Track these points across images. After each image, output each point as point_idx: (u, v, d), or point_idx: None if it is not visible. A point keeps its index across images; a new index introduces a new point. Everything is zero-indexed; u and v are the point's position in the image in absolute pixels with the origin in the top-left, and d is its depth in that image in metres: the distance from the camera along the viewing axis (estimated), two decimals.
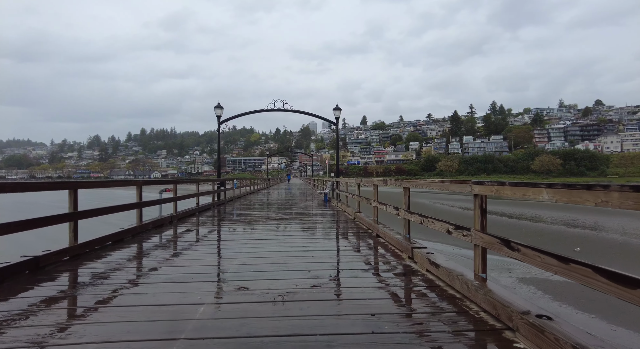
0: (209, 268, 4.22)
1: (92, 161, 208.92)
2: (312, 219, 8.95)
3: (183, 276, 3.79)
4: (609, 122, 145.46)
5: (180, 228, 7.37)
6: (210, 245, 5.75)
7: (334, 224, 7.98)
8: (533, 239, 12.16)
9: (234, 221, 8.52)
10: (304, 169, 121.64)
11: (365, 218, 7.29)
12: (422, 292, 3.24)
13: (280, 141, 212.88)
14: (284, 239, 6.19)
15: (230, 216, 9.72)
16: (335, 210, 10.83)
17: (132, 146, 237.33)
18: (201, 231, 7.24)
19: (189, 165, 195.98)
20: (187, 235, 6.63)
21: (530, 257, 2.33)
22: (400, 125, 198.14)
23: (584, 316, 5.56)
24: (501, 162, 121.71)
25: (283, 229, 7.33)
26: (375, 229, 6.29)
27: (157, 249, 5.34)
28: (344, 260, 4.53)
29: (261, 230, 7.13)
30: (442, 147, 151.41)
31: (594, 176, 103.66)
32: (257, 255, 4.81)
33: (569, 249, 10.88)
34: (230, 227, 7.60)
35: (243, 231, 7.09)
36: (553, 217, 19.42)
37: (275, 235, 6.62)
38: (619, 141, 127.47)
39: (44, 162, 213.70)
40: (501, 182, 2.71)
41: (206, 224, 8.16)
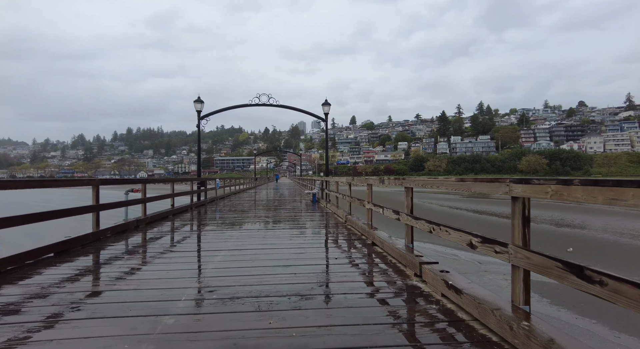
0: (158, 293, 3.21)
1: (77, 160, 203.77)
2: (298, 222, 8.10)
3: (126, 307, 2.83)
4: (592, 123, 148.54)
5: (146, 235, 6.38)
6: (174, 258, 4.75)
7: (322, 229, 7.17)
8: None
9: (211, 226, 7.56)
10: (293, 169, 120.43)
11: (358, 222, 6.45)
12: (444, 331, 2.36)
13: (270, 140, 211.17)
14: (264, 249, 5.23)
15: (208, 219, 8.73)
16: (325, 212, 9.98)
17: (118, 146, 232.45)
18: (169, 239, 6.25)
19: (176, 165, 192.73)
20: (151, 245, 5.62)
21: (627, 298, 1.48)
22: (389, 125, 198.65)
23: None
24: (489, 161, 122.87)
25: (264, 235, 6.41)
26: (370, 235, 5.43)
27: (111, 263, 4.37)
28: (335, 279, 3.63)
29: (239, 237, 6.18)
30: (430, 147, 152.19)
31: (579, 176, 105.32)
32: (224, 273, 3.84)
33: (562, 250, 10.41)
34: (206, 233, 6.66)
35: (217, 240, 6.08)
36: (540, 217, 19.00)
37: (256, 244, 5.66)
38: (602, 141, 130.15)
39: (25, 161, 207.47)
40: (565, 180, 1.85)
41: (178, 229, 7.21)
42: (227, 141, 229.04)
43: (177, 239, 6.24)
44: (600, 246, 11.40)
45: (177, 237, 6.34)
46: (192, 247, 5.57)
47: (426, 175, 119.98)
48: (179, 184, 12.57)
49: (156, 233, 6.63)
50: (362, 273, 3.91)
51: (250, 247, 5.37)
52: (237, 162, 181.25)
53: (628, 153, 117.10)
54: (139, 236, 6.22)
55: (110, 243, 5.54)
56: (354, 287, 3.32)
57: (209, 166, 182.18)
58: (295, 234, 6.50)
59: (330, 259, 4.62)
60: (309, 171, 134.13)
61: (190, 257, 4.79)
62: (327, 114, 14.20)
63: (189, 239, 6.15)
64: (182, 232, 6.84)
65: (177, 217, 8.95)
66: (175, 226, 7.47)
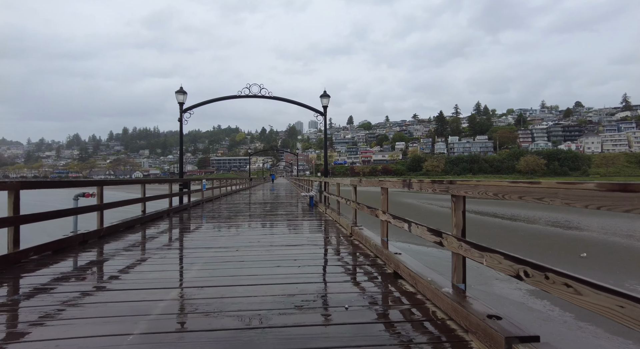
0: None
1: (72, 160, 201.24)
2: (292, 234, 6.46)
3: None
4: (590, 123, 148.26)
5: (90, 255, 4.81)
6: (112, 296, 3.16)
7: (321, 247, 5.36)
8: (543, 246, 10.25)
9: (188, 238, 6.18)
10: (290, 169, 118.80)
11: (369, 238, 4.90)
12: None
13: (267, 140, 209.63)
14: (238, 286, 3.43)
15: (184, 229, 7.22)
16: (324, 219, 8.45)
17: (114, 145, 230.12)
18: (117, 263, 4.45)
19: (172, 165, 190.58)
20: (89, 272, 4.02)
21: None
22: (387, 125, 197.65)
23: None
24: (487, 162, 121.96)
25: (242, 259, 4.52)
26: (390, 261, 3.83)
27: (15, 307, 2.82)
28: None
29: (211, 259, 4.51)
30: (427, 147, 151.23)
31: (577, 176, 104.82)
32: (170, 323, 2.34)
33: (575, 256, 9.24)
34: (172, 253, 5.06)
35: (177, 267, 4.32)
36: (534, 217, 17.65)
37: (230, 275, 3.86)
38: (600, 142, 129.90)
39: (19, 161, 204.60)
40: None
41: (136, 247, 5.36)
42: (224, 140, 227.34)
43: (128, 262, 4.44)
44: (614, 251, 10.79)
45: (128, 261, 4.50)
46: (144, 278, 3.76)
47: (424, 176, 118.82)
48: (158, 186, 11.04)
49: (108, 251, 5.03)
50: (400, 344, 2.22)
51: (219, 282, 3.57)
52: (234, 162, 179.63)
53: (626, 153, 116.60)
54: (81, 258, 4.64)
55: (29, 272, 3.96)
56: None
57: (206, 166, 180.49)
58: (286, 258, 4.53)
59: (338, 307, 2.84)
60: (306, 171, 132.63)
61: (134, 294, 3.22)
62: (325, 107, 12.57)
63: (144, 264, 4.41)
64: (139, 250, 5.16)
65: (147, 226, 7.42)
66: (135, 242, 5.79)
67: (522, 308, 5.60)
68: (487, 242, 2.30)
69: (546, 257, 10.31)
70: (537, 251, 11.16)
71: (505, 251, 2.07)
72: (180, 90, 11.92)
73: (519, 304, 5.76)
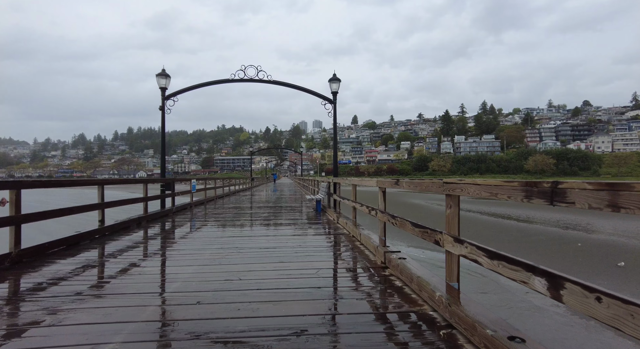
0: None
1: (77, 160, 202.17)
2: (296, 259, 4.54)
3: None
4: (599, 122, 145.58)
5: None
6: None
7: (347, 299, 3.10)
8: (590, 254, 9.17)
9: (151, 258, 4.76)
10: (294, 169, 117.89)
11: (423, 278, 3.07)
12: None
13: (271, 140, 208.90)
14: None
15: (148, 245, 5.73)
16: (337, 233, 6.60)
17: (119, 145, 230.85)
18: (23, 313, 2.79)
19: (176, 164, 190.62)
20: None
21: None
22: (391, 124, 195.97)
23: None
24: (494, 161, 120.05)
25: (210, 311, 2.85)
26: (470, 327, 2.20)
27: None
28: None
29: (175, 298, 3.36)
30: (433, 146, 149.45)
31: (587, 176, 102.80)
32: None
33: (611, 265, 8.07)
34: (121, 282, 3.73)
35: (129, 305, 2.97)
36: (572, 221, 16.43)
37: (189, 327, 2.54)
38: (610, 141, 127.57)
39: (25, 161, 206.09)
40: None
41: (64, 282, 3.64)
42: (228, 140, 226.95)
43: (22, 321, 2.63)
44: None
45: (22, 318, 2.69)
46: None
47: (430, 175, 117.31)
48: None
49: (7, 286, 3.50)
50: None
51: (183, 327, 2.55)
52: (238, 162, 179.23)
53: (638, 153, 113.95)
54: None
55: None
56: None
57: (210, 166, 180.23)
58: (286, 326, 2.51)
59: None
60: (310, 171, 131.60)
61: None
62: (335, 94, 10.94)
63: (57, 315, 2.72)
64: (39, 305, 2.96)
65: (99, 242, 5.66)
66: (53, 275, 3.88)
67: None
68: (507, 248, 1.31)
69: (577, 266, 9.24)
70: (564, 257, 10.10)
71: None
72: (162, 73, 10.45)
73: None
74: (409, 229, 3.50)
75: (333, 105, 10.87)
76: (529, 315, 5.33)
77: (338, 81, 10.81)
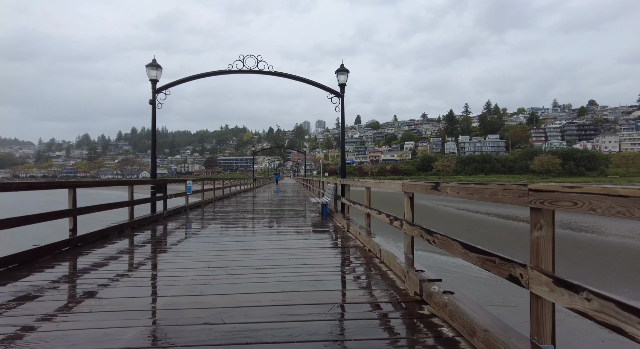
0: None
1: (81, 160, 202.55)
2: (299, 282, 3.63)
3: None
4: (606, 121, 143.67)
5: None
6: None
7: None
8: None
9: (99, 288, 3.49)
10: (297, 169, 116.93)
11: (495, 334, 1.98)
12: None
13: (274, 140, 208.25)
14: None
15: (118, 262, 4.65)
16: (347, 245, 5.60)
17: (123, 145, 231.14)
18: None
19: (180, 164, 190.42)
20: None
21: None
22: (395, 124, 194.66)
23: None
24: (499, 162, 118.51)
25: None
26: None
27: None
28: None
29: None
30: (437, 146, 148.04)
31: (594, 176, 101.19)
32: None
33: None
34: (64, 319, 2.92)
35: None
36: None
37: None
38: (617, 141, 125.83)
39: (30, 161, 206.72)
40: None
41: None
42: (231, 140, 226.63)
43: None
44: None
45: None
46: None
47: (435, 175, 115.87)
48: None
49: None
50: None
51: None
52: (241, 162, 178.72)
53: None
54: None
55: None
56: None
57: (213, 166, 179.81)
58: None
59: None
60: (314, 171, 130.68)
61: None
62: (343, 86, 9.76)
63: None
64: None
65: (59, 259, 4.67)
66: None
67: None
68: None
69: (598, 273, 8.26)
70: (582, 262, 9.13)
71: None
72: (152, 63, 9.40)
73: None
74: (458, 252, 2.50)
75: (340, 98, 9.77)
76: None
77: (346, 72, 9.69)
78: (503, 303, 6.12)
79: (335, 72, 9.77)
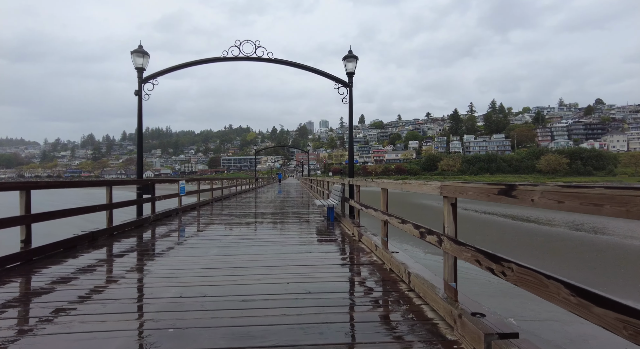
0: None
1: (85, 160, 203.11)
2: (304, 334, 2.42)
3: None
4: (613, 120, 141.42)
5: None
6: None
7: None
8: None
9: (36, 324, 2.60)
10: (301, 168, 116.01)
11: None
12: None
13: (277, 140, 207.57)
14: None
15: (71, 286, 3.62)
16: (362, 261, 4.52)
17: (127, 145, 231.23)
18: None
19: (183, 164, 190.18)
20: None
21: None
22: (399, 124, 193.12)
23: None
24: (505, 161, 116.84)
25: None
26: None
27: None
28: None
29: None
30: (442, 146, 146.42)
31: (602, 176, 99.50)
32: None
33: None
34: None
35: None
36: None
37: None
38: (625, 140, 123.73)
39: (35, 161, 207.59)
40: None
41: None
42: (235, 140, 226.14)
43: None
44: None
45: None
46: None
47: (440, 175, 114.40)
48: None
49: None
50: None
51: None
52: (244, 162, 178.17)
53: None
54: None
55: None
56: None
57: (216, 166, 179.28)
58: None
59: None
60: (317, 171, 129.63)
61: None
62: (351, 74, 8.76)
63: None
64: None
65: (28, 270, 3.99)
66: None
67: None
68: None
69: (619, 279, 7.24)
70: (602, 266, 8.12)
71: None
72: (138, 50, 8.42)
73: None
74: (560, 299, 1.49)
75: (348, 89, 8.73)
76: None
77: (354, 59, 8.58)
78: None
79: (342, 59, 8.68)
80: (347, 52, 8.71)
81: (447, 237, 2.67)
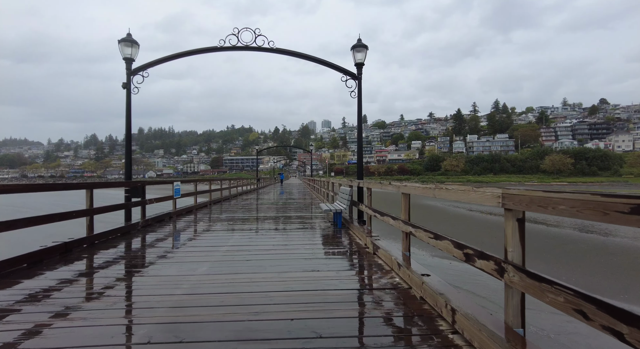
0: None
1: (88, 160, 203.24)
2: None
3: None
4: (618, 120, 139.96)
5: None
6: None
7: None
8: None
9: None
10: (303, 168, 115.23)
11: None
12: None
13: (280, 140, 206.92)
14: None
15: (25, 312, 2.91)
16: (381, 285, 3.63)
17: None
18: None
19: (186, 164, 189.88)
20: None
21: None
22: (402, 124, 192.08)
23: None
24: (508, 161, 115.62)
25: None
26: None
27: None
28: None
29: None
30: (445, 146, 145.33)
31: (607, 176, 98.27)
32: None
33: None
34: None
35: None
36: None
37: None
38: (631, 140, 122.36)
39: (39, 161, 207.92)
40: None
41: None
42: (237, 140, 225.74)
43: None
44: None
45: None
46: None
47: (443, 175, 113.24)
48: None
49: None
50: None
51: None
52: (247, 162, 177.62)
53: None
54: None
55: None
56: None
57: (219, 166, 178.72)
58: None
59: None
60: (319, 171, 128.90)
61: None
62: (360, 65, 7.94)
63: None
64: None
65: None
66: None
67: None
68: None
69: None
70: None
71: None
72: (126, 38, 7.71)
73: None
74: None
75: (357, 81, 7.90)
76: None
77: (364, 49, 7.73)
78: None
79: (351, 48, 7.86)
80: (356, 40, 7.88)
81: (513, 266, 1.87)
